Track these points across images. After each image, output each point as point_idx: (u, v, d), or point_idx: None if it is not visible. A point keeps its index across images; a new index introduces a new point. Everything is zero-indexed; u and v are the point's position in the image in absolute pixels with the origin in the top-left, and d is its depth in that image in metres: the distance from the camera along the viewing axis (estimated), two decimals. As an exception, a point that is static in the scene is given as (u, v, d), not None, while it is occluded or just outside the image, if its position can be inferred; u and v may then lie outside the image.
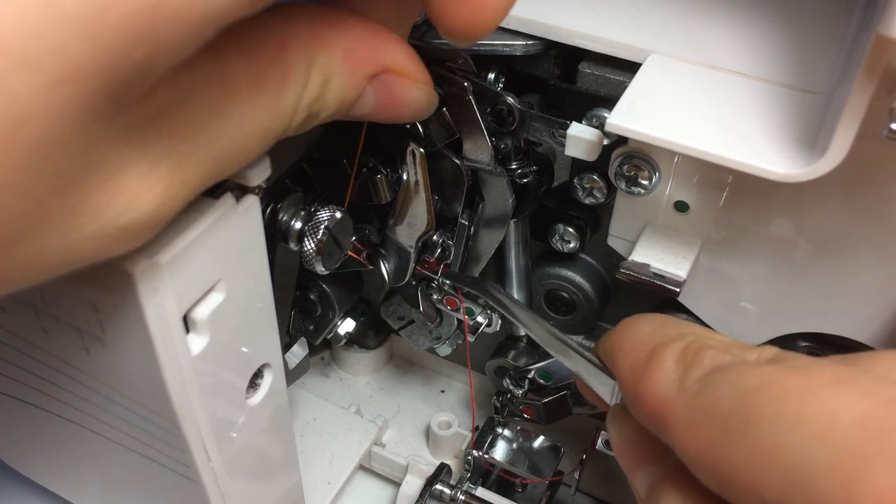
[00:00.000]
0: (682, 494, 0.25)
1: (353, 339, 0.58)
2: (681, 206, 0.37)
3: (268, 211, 0.34)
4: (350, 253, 0.40)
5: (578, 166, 0.40)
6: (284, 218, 0.34)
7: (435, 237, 0.43)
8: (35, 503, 0.50)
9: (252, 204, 0.29)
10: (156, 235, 0.23)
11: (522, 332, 0.50)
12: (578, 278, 0.47)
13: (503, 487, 0.54)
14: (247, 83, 0.23)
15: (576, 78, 0.37)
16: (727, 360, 0.25)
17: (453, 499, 0.50)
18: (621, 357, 0.28)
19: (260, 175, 0.28)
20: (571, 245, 0.44)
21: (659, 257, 0.37)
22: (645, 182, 0.36)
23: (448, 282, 0.46)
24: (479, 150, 0.39)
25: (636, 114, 0.32)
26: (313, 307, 0.48)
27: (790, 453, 0.21)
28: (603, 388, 0.32)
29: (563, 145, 0.36)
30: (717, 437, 0.23)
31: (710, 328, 0.28)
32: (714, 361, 0.25)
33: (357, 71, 0.26)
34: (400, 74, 0.28)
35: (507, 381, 0.52)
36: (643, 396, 0.26)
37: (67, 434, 0.37)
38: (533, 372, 0.50)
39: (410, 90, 0.29)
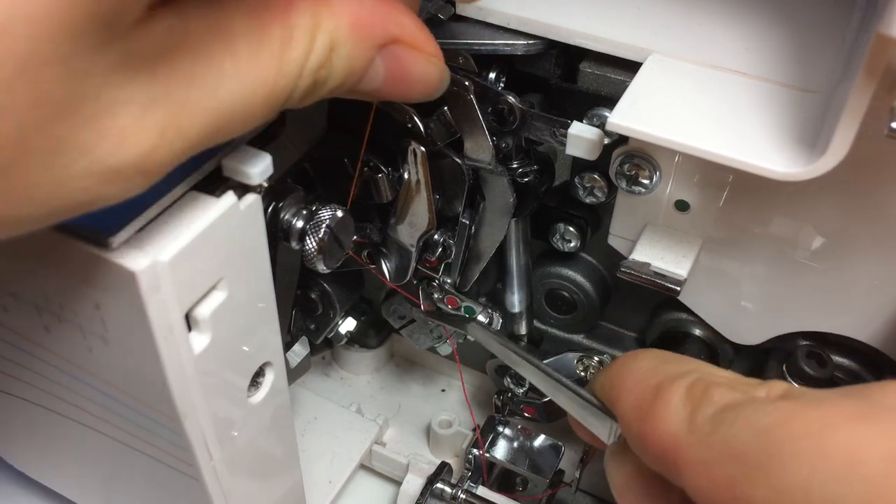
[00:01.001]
0: None
1: (354, 339, 0.58)
2: (681, 206, 0.37)
3: (269, 210, 0.34)
4: (351, 253, 0.40)
5: (579, 165, 0.40)
6: (286, 217, 0.34)
7: (436, 236, 0.44)
8: (36, 502, 0.50)
9: (254, 202, 0.29)
10: (149, 183, 0.22)
11: (524, 332, 0.50)
12: (579, 277, 0.47)
13: (504, 486, 0.54)
14: (247, 39, 0.23)
15: (577, 77, 0.37)
16: (738, 397, 0.25)
17: (454, 497, 0.50)
18: (623, 395, 0.28)
19: (262, 174, 0.29)
20: (572, 244, 0.44)
21: (660, 256, 0.37)
22: (646, 181, 0.36)
23: (448, 281, 0.46)
24: (480, 150, 0.39)
25: (637, 113, 0.32)
26: (314, 306, 0.48)
27: (817, 490, 0.21)
28: (599, 428, 0.31)
29: (564, 144, 0.36)
30: (736, 476, 0.23)
31: (714, 366, 0.29)
32: (724, 399, 0.25)
33: (365, 39, 0.26)
34: (410, 46, 0.27)
35: (508, 379, 0.52)
36: (650, 436, 0.26)
37: (69, 433, 0.37)
38: (534, 371, 0.50)
39: (421, 63, 0.28)
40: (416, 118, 0.38)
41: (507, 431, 0.53)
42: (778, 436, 0.22)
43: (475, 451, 0.51)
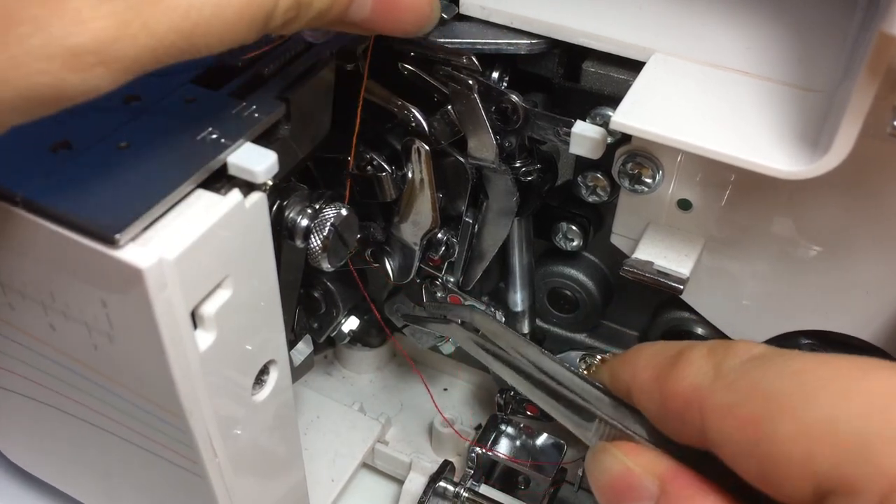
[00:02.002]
0: None
1: (356, 337, 0.58)
2: (684, 205, 0.37)
3: (274, 208, 0.34)
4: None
5: (582, 164, 0.40)
6: (290, 215, 0.34)
7: (439, 235, 0.44)
8: (40, 500, 0.50)
9: (259, 201, 0.29)
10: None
11: (526, 330, 0.50)
12: (581, 276, 0.47)
13: (506, 484, 0.54)
14: None
15: (580, 77, 0.37)
16: (763, 350, 0.25)
17: (457, 496, 0.50)
18: (639, 371, 0.28)
19: (267, 172, 0.29)
20: (574, 243, 0.44)
21: (662, 255, 0.38)
22: (648, 180, 0.36)
23: (451, 280, 0.46)
24: (483, 149, 0.39)
25: (640, 112, 0.32)
26: (318, 305, 0.48)
27: (848, 426, 0.21)
28: (583, 427, 0.31)
29: (567, 143, 0.36)
30: (761, 414, 0.22)
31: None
32: (749, 352, 0.25)
33: None
34: None
35: (511, 378, 0.52)
36: (672, 393, 0.26)
37: (73, 431, 0.37)
38: (536, 370, 0.50)
39: None
40: (419, 117, 0.39)
41: (510, 430, 0.53)
42: (807, 378, 0.22)
43: (477, 449, 0.52)
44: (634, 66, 0.35)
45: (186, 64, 0.27)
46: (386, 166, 0.40)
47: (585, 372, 0.48)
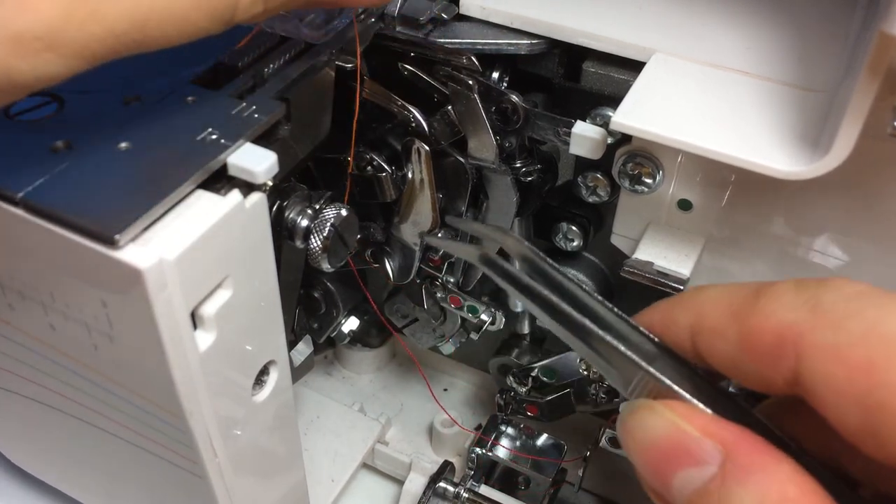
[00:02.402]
0: (760, 491, 0.22)
1: (356, 338, 0.58)
2: (684, 205, 0.37)
3: (274, 208, 0.34)
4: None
5: (582, 165, 0.40)
6: (290, 215, 0.34)
7: (439, 235, 0.44)
8: (40, 500, 0.50)
9: (259, 201, 0.29)
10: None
11: (526, 330, 0.50)
12: (581, 276, 0.47)
13: (507, 485, 0.54)
14: None
15: (580, 77, 0.37)
16: (866, 287, 0.22)
17: (457, 496, 0.50)
18: (708, 310, 0.25)
19: (267, 173, 0.29)
20: (575, 243, 0.44)
21: (662, 255, 0.38)
22: (648, 180, 0.36)
23: (452, 280, 0.46)
24: (483, 149, 0.39)
25: (640, 112, 0.32)
26: (318, 305, 0.48)
27: None
28: (618, 378, 0.26)
29: (567, 144, 0.36)
30: (877, 359, 0.20)
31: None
32: (853, 288, 0.22)
33: None
34: None
35: (511, 378, 0.52)
36: (758, 331, 0.23)
37: (73, 431, 0.37)
38: (536, 370, 0.50)
39: None
40: (419, 117, 0.39)
41: (510, 430, 0.53)
42: None
43: (478, 449, 0.52)
44: (635, 67, 0.35)
45: (186, 64, 0.27)
46: (386, 166, 0.40)
47: (585, 372, 0.48)
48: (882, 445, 0.20)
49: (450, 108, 0.38)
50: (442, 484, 0.51)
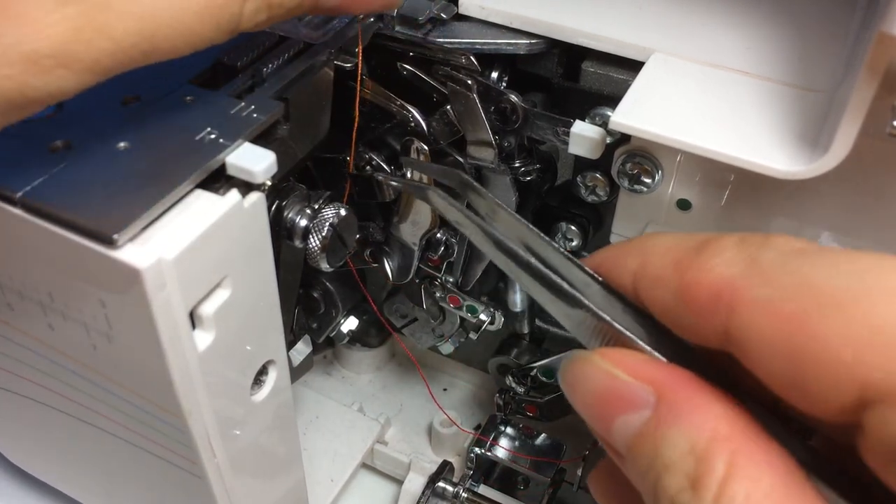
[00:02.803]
0: (691, 431, 0.22)
1: (355, 338, 0.58)
2: (683, 205, 0.37)
3: (273, 208, 0.34)
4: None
5: (581, 164, 0.40)
6: (289, 215, 0.34)
7: (438, 235, 0.44)
8: (39, 500, 0.50)
9: (258, 201, 0.29)
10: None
11: (526, 330, 0.50)
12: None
13: (506, 485, 0.54)
14: None
15: (579, 77, 0.37)
16: (806, 244, 0.22)
17: (456, 496, 0.50)
18: (653, 258, 0.25)
19: (266, 172, 0.29)
20: (574, 243, 0.44)
21: (661, 255, 0.37)
22: (648, 180, 0.36)
23: (451, 280, 0.46)
24: (482, 149, 0.39)
25: (639, 112, 0.32)
26: (317, 305, 0.48)
27: None
28: (570, 321, 0.26)
29: (566, 143, 0.36)
30: (808, 311, 0.20)
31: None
32: (791, 245, 0.22)
33: None
34: None
35: (510, 378, 0.52)
36: (695, 285, 0.23)
37: (72, 431, 0.37)
38: (535, 369, 0.50)
39: None
40: (418, 117, 0.39)
41: (509, 430, 0.53)
42: (870, 277, 0.20)
43: (477, 449, 0.52)
44: (634, 66, 0.35)
45: (185, 64, 0.27)
46: (385, 166, 0.40)
47: None
48: (807, 397, 0.21)
49: (449, 107, 0.38)
50: (441, 484, 0.51)
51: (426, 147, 0.39)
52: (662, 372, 0.23)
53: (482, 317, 0.47)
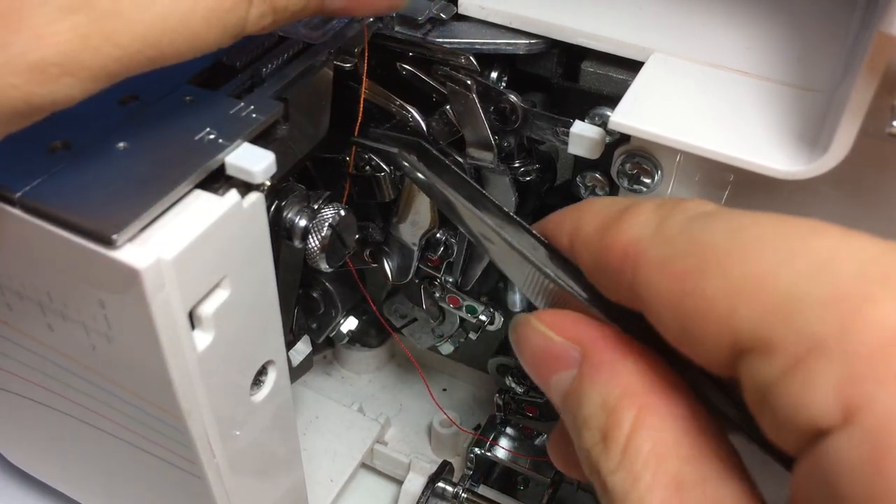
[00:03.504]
0: (604, 387, 0.23)
1: (355, 338, 0.58)
2: (683, 205, 0.37)
3: (272, 208, 0.34)
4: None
5: (581, 165, 0.40)
6: (289, 215, 0.34)
7: (438, 235, 0.44)
8: (38, 500, 0.50)
9: (257, 201, 0.29)
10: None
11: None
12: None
13: (505, 485, 0.54)
14: None
15: (578, 77, 0.37)
16: (713, 208, 0.23)
17: (455, 496, 0.50)
18: (584, 221, 0.26)
19: (265, 172, 0.29)
20: (574, 243, 0.44)
21: (661, 255, 0.37)
22: (647, 180, 0.36)
23: (450, 280, 0.46)
24: (482, 149, 0.39)
25: (639, 112, 0.32)
26: (316, 305, 0.48)
27: (780, 284, 0.19)
28: (519, 276, 0.28)
29: (566, 143, 0.36)
30: (694, 269, 0.21)
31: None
32: (700, 208, 0.23)
33: None
34: None
35: (510, 378, 0.52)
36: (612, 244, 0.24)
37: (72, 430, 0.37)
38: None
39: None
40: (418, 117, 0.39)
41: (509, 430, 0.53)
42: (747, 234, 0.21)
43: (476, 450, 0.52)
44: (633, 66, 0.35)
45: (184, 64, 0.27)
46: (384, 166, 0.40)
47: None
48: (696, 352, 0.21)
49: (448, 107, 0.38)
50: (441, 484, 0.51)
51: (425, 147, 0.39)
52: (590, 331, 0.25)
53: (482, 317, 0.47)
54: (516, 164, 0.40)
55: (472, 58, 0.37)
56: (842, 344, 0.18)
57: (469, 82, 0.37)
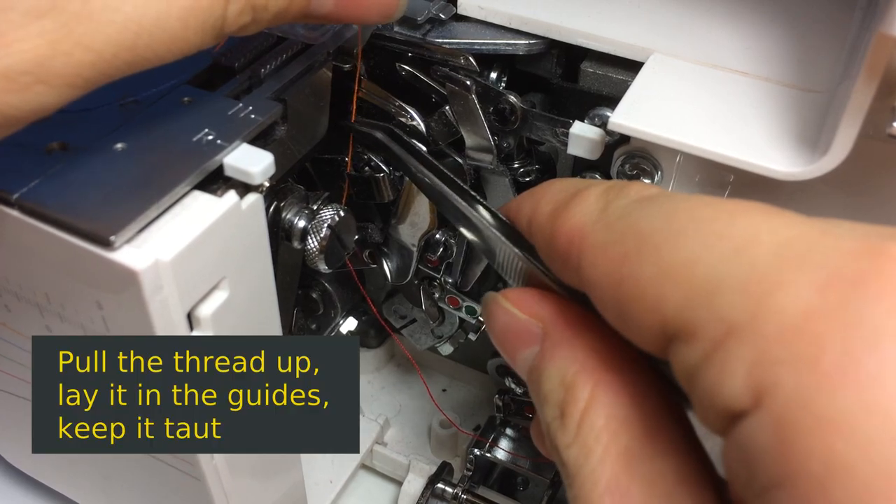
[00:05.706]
0: (562, 364, 0.23)
1: (354, 338, 0.58)
2: (683, 205, 0.37)
3: (271, 209, 0.34)
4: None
5: (580, 165, 0.40)
6: (287, 216, 0.34)
7: (437, 235, 0.44)
8: (37, 501, 0.50)
9: (256, 202, 0.29)
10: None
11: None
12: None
13: (505, 486, 0.54)
14: None
15: (578, 77, 0.37)
16: (655, 192, 0.23)
17: (455, 497, 0.50)
18: (540, 205, 0.26)
19: (264, 173, 0.29)
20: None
21: (661, 256, 0.37)
22: (647, 181, 0.36)
23: (450, 280, 0.46)
24: (481, 149, 0.39)
25: (639, 112, 0.32)
26: (316, 306, 0.48)
27: (701, 268, 0.19)
28: (492, 256, 0.29)
29: (565, 144, 0.36)
30: (629, 254, 0.21)
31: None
32: (642, 193, 0.23)
33: None
34: None
35: (509, 379, 0.52)
36: (559, 231, 0.24)
37: (71, 432, 0.37)
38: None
39: None
40: (417, 117, 0.39)
41: (509, 431, 0.53)
42: (680, 217, 0.21)
43: (476, 451, 0.52)
44: (633, 67, 0.35)
45: (183, 65, 0.27)
46: (384, 167, 0.40)
47: None
48: (632, 335, 0.21)
49: (447, 108, 0.38)
50: (440, 485, 0.51)
51: (425, 148, 0.39)
52: (552, 308, 0.25)
53: (481, 318, 0.47)
54: (516, 165, 0.40)
55: (471, 58, 0.37)
56: (752, 328, 0.18)
57: (468, 83, 0.37)
